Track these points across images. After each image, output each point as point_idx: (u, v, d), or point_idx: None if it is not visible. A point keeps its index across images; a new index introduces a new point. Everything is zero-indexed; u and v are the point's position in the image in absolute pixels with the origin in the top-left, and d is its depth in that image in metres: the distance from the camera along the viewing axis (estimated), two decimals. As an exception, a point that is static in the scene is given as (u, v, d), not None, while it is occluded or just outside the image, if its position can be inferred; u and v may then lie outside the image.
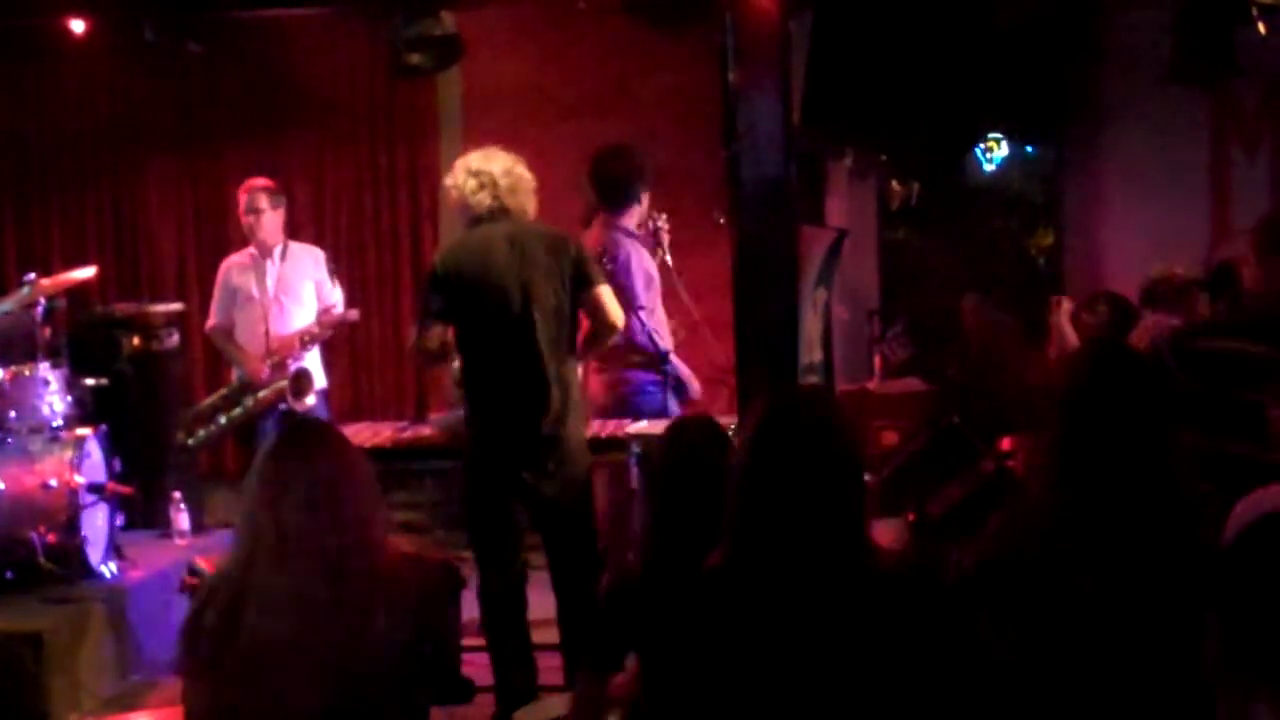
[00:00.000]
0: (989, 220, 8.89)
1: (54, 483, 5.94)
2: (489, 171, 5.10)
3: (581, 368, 5.73)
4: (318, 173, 8.95)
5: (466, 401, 5.18)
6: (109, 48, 8.19)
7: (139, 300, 8.21)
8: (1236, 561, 2.89)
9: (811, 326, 7.64)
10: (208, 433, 6.90)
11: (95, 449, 6.20)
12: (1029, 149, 8.72)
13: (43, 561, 5.83)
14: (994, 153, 8.51)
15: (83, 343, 7.13)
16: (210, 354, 8.23)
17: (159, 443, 7.27)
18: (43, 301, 6.30)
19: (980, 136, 8.19)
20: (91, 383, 6.60)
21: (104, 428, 6.36)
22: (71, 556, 5.94)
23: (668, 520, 3.28)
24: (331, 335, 7.33)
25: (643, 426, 5.69)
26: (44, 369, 6.23)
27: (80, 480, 5.97)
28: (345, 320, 7.13)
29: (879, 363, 8.04)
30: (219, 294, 7.17)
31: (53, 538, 5.91)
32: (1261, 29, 6.50)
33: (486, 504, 5.11)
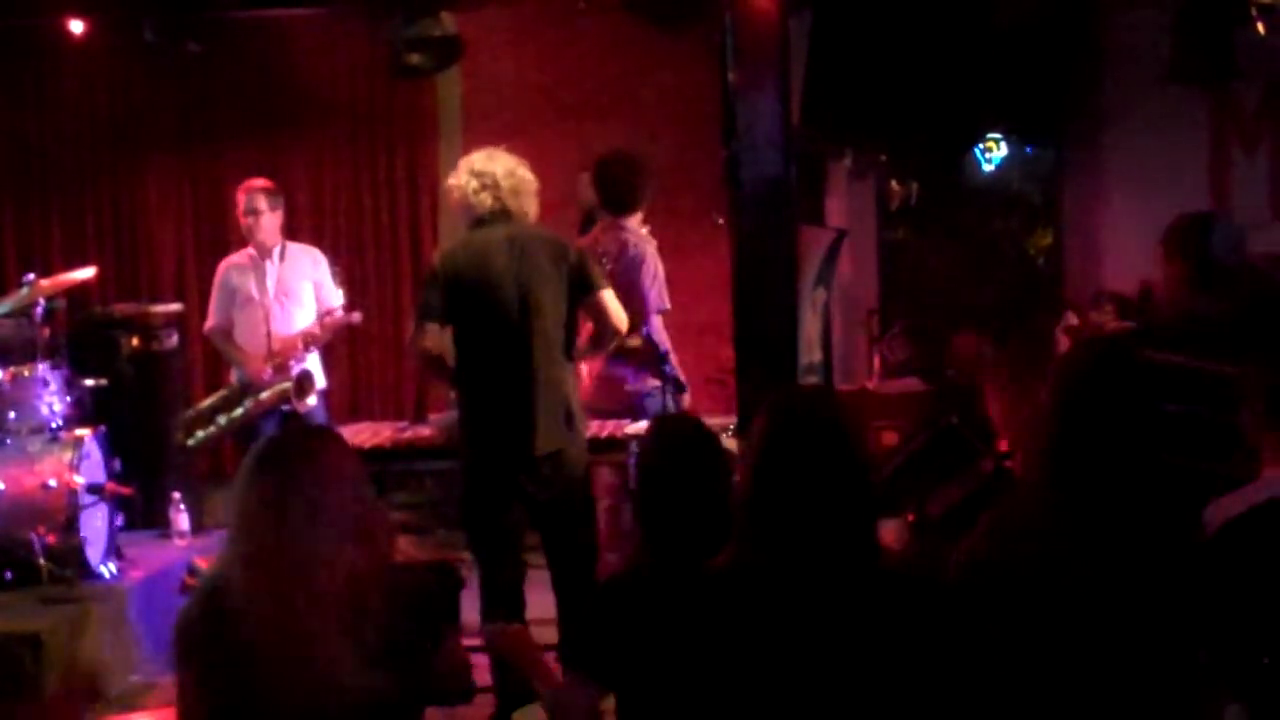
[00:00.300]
0: (988, 220, 8.88)
1: (53, 483, 5.94)
2: (492, 172, 5.10)
3: (584, 366, 5.74)
4: (317, 173, 8.95)
5: (462, 404, 5.17)
6: (108, 48, 8.20)
7: (138, 301, 8.22)
8: (1216, 563, 2.90)
9: (811, 326, 7.64)
10: (207, 433, 6.90)
11: (95, 449, 6.20)
12: (1028, 149, 8.71)
13: (42, 562, 5.83)
14: (993, 153, 8.50)
15: (82, 343, 7.14)
16: (209, 354, 8.23)
17: (158, 443, 7.27)
18: (42, 302, 6.30)
19: (979, 136, 8.19)
20: (91, 383, 6.60)
21: (103, 428, 6.36)
22: (71, 557, 5.94)
23: (655, 521, 3.28)
24: (333, 337, 7.34)
25: (642, 427, 5.69)
26: (43, 369, 6.23)
27: (80, 481, 5.97)
28: (348, 324, 7.14)
29: (878, 363, 8.03)
30: (217, 295, 7.16)
31: (52, 538, 5.91)
32: (1261, 29, 6.50)
33: (484, 506, 5.11)
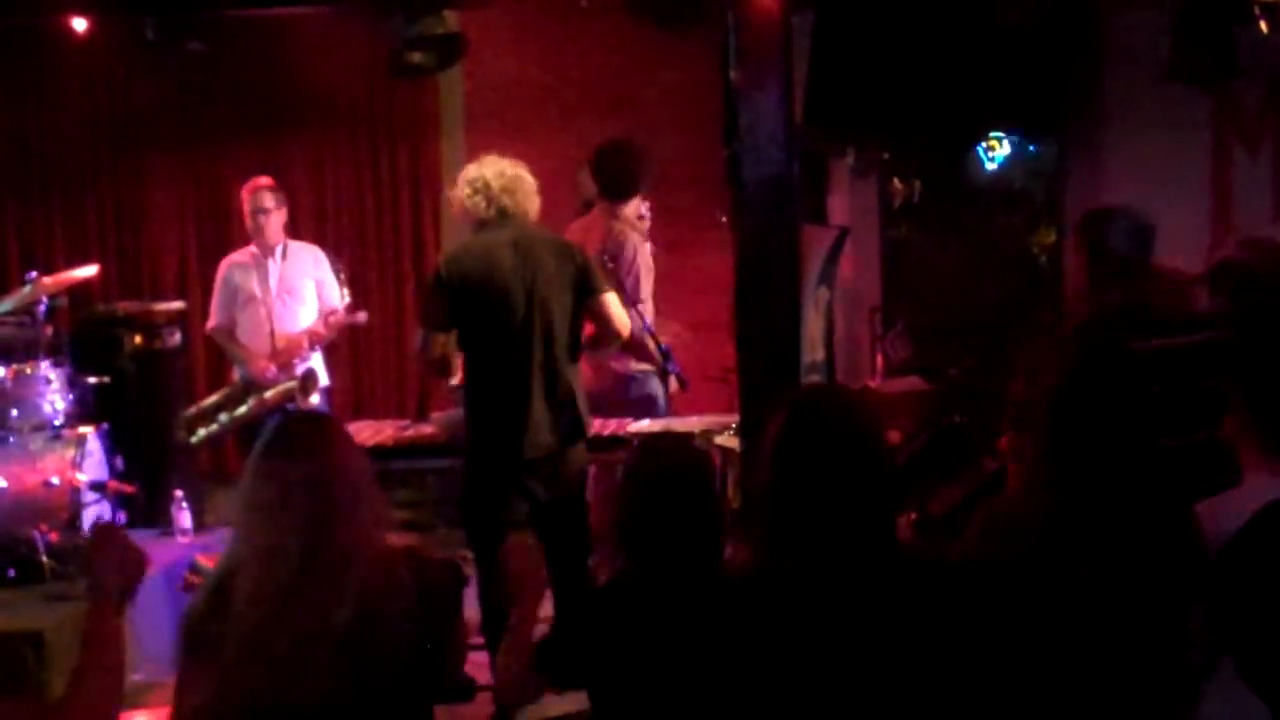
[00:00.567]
0: (991, 218, 8.87)
1: (56, 481, 5.95)
2: (482, 176, 5.17)
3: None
4: (319, 171, 8.95)
5: (467, 404, 5.19)
6: (110, 46, 8.18)
7: (140, 299, 8.22)
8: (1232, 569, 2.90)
9: (813, 325, 7.64)
10: (209, 431, 6.91)
11: (97, 447, 6.22)
12: (1031, 147, 8.70)
13: (45, 560, 5.84)
14: (996, 151, 8.49)
15: (84, 341, 7.15)
16: (212, 352, 8.24)
17: (161, 441, 7.27)
18: (45, 300, 6.31)
19: (982, 135, 8.18)
20: (93, 381, 6.61)
21: (105, 426, 6.37)
22: (73, 554, 5.94)
23: (635, 542, 3.25)
24: (336, 336, 7.35)
25: (644, 426, 5.69)
26: (46, 367, 6.24)
27: (82, 478, 5.98)
28: (353, 323, 7.16)
29: (880, 361, 8.03)
30: (219, 294, 7.17)
31: (54, 536, 5.92)
32: (1263, 28, 6.49)
33: (486, 506, 5.12)
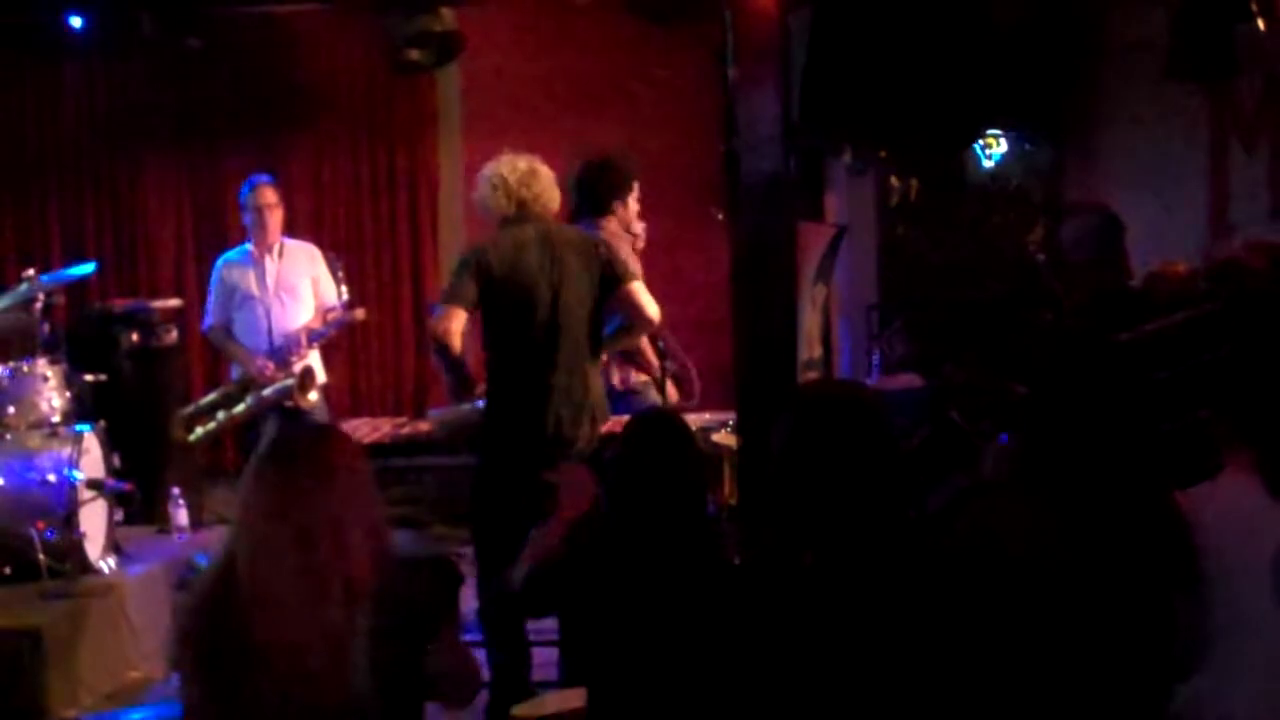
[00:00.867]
0: (988, 216, 8.88)
1: (53, 478, 5.94)
2: (499, 172, 5.19)
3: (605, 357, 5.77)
4: (316, 168, 8.95)
5: (488, 399, 5.19)
6: (107, 43, 8.19)
7: (138, 296, 8.22)
8: None
9: (811, 323, 7.64)
10: (207, 430, 6.90)
11: (94, 445, 6.20)
12: (1028, 145, 8.71)
13: (41, 557, 5.82)
14: (993, 149, 8.51)
15: (81, 339, 7.14)
16: (208, 350, 8.24)
17: (158, 439, 7.27)
18: (42, 298, 6.29)
19: (979, 133, 8.18)
20: (90, 379, 6.61)
21: (103, 424, 6.35)
22: (70, 552, 5.93)
23: (626, 512, 3.34)
24: (335, 334, 7.35)
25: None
26: (43, 365, 6.23)
27: (79, 476, 5.97)
28: (352, 321, 7.16)
29: (878, 358, 8.03)
30: (216, 293, 7.16)
31: (51, 534, 5.90)
32: (1261, 25, 6.48)
33: (498, 502, 5.11)
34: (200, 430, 6.92)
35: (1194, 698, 3.03)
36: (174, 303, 8.04)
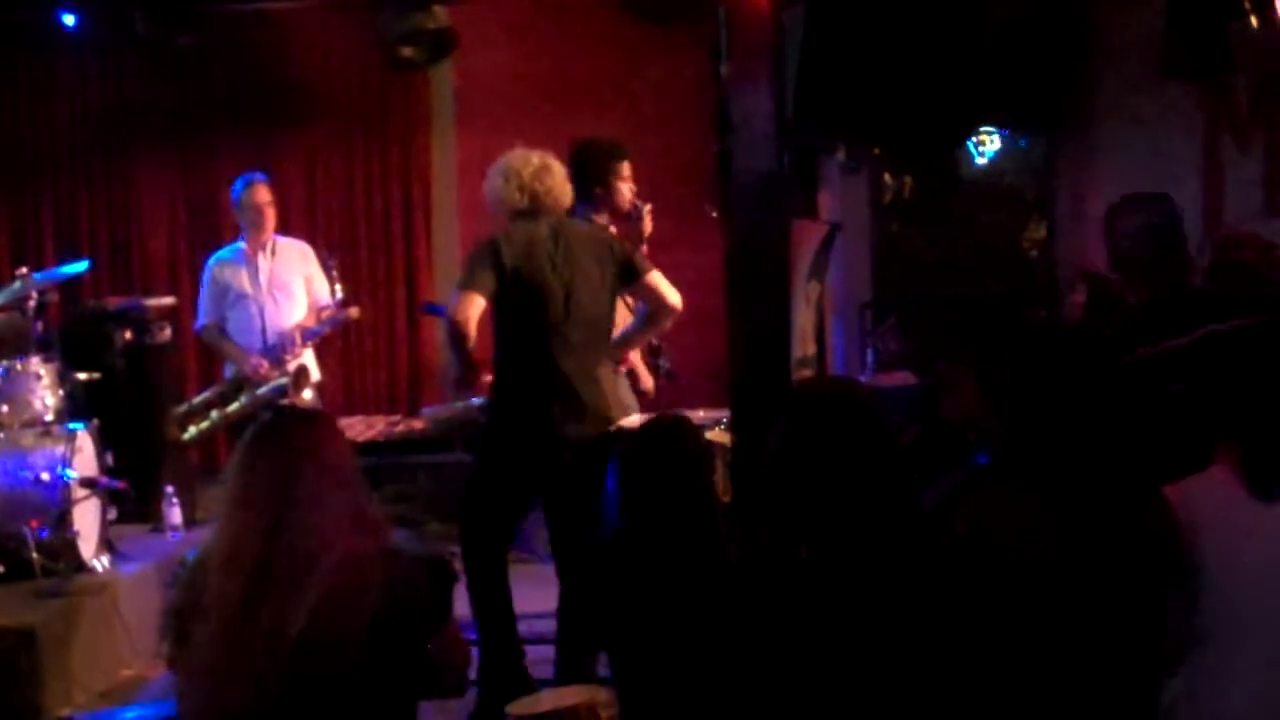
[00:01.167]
0: (981, 213, 8.89)
1: (46, 477, 5.93)
2: (512, 166, 5.18)
3: (633, 352, 5.77)
4: (309, 166, 8.95)
5: (495, 393, 5.18)
6: (100, 41, 8.18)
7: (131, 294, 8.21)
8: None
9: (804, 320, 7.65)
10: (201, 429, 6.90)
11: (87, 443, 6.19)
12: (1022, 142, 8.72)
13: (35, 556, 5.82)
14: (987, 146, 8.51)
15: (75, 337, 7.12)
16: (202, 348, 8.23)
17: (151, 437, 7.26)
18: (35, 296, 6.29)
19: (973, 130, 8.19)
20: (84, 377, 6.59)
21: (96, 422, 6.35)
22: (64, 551, 5.92)
23: (635, 515, 3.31)
24: (329, 332, 7.35)
25: (634, 421, 5.68)
26: (36, 363, 6.22)
27: (72, 475, 5.96)
28: (346, 319, 7.15)
29: (871, 356, 8.04)
30: (208, 292, 7.16)
31: (45, 532, 5.90)
32: (1254, 23, 6.49)
33: (499, 495, 5.11)
34: (194, 429, 6.92)
35: (1187, 693, 3.04)
36: (168, 301, 8.03)
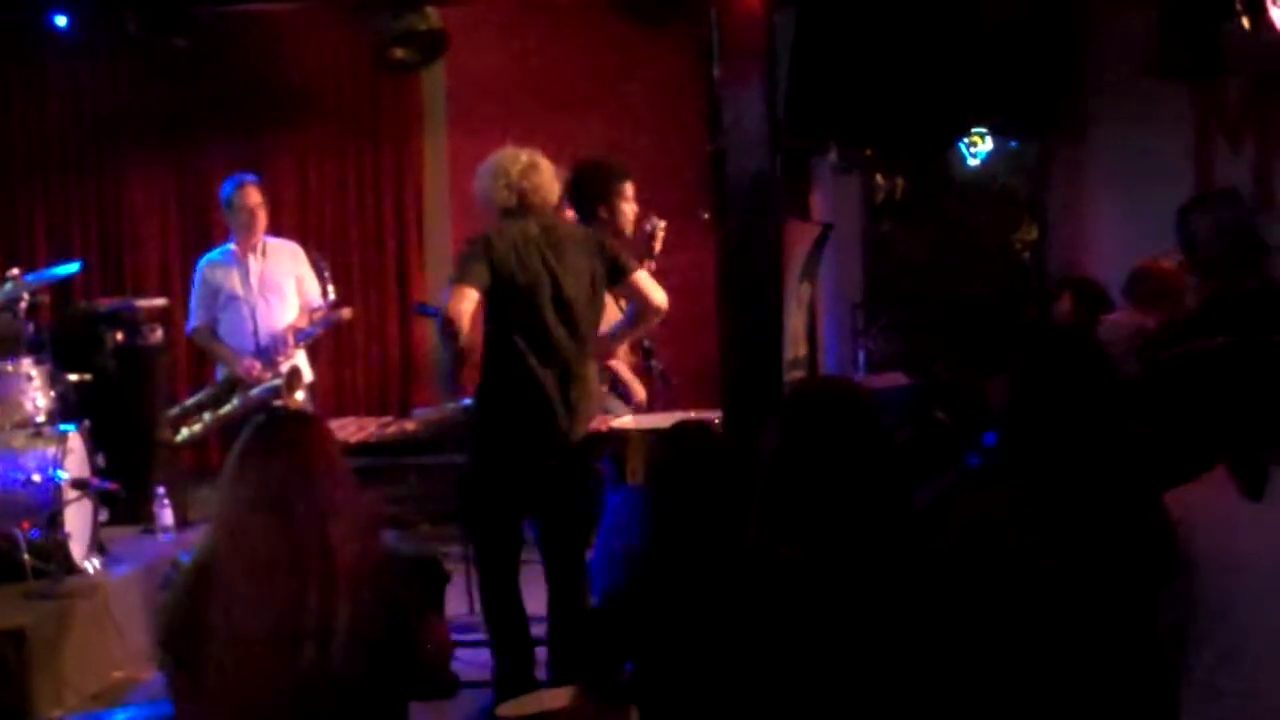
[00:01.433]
0: (973, 214, 8.91)
1: (37, 478, 5.92)
2: (501, 164, 5.17)
3: (621, 351, 5.76)
4: (302, 167, 8.94)
5: (482, 393, 5.18)
6: (92, 42, 8.16)
7: (123, 296, 8.19)
8: None
9: (796, 321, 7.65)
10: (193, 431, 6.89)
11: (79, 444, 6.18)
12: (1013, 143, 8.73)
13: (26, 557, 5.81)
14: (979, 147, 8.52)
15: (66, 338, 7.10)
16: (194, 349, 8.21)
17: (143, 438, 7.25)
18: (26, 297, 6.27)
19: (965, 131, 8.20)
20: (75, 378, 6.59)
21: (87, 423, 6.34)
22: (55, 552, 5.91)
23: (670, 525, 3.28)
24: (321, 333, 7.34)
25: (626, 421, 5.68)
26: (27, 364, 6.21)
27: (64, 476, 5.95)
28: (338, 320, 7.15)
29: (863, 356, 8.05)
30: (199, 294, 7.14)
31: (36, 534, 5.89)
32: (1246, 24, 6.51)
33: (491, 496, 5.11)
34: (186, 431, 6.90)
35: (1185, 689, 3.05)
36: (159, 302, 8.01)
